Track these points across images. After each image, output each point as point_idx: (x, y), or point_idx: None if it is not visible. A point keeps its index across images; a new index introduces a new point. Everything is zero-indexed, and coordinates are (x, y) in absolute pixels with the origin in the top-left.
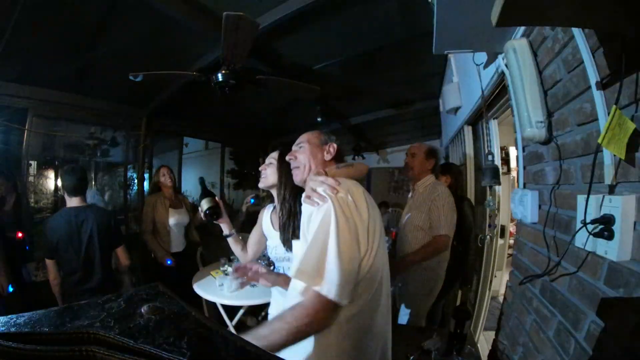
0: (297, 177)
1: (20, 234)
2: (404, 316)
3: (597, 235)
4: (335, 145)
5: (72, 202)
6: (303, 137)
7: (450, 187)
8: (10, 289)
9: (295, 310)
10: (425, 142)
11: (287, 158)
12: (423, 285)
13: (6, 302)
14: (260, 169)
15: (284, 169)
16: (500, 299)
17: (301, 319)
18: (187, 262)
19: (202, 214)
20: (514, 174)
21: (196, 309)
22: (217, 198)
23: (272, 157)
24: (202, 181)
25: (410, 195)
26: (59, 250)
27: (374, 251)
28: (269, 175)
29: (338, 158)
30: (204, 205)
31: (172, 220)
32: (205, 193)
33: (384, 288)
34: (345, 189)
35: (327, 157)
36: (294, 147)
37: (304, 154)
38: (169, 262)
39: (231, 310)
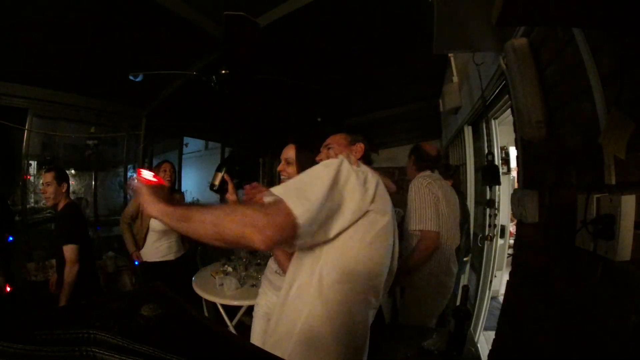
0: None
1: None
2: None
3: (597, 235)
4: (362, 145)
5: (68, 198)
6: (331, 139)
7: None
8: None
9: (248, 207)
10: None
11: (316, 159)
12: (423, 289)
13: (6, 302)
14: (279, 169)
15: (302, 163)
16: (500, 299)
17: (251, 216)
18: (181, 271)
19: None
20: (514, 174)
21: (196, 309)
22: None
23: (289, 156)
24: (231, 156)
25: None
26: (83, 237)
27: (370, 237)
28: (291, 175)
29: (366, 157)
30: (212, 179)
31: (159, 225)
32: (221, 166)
33: (384, 289)
34: (363, 167)
35: (356, 156)
36: (322, 149)
37: (330, 155)
38: (135, 263)
39: (231, 310)
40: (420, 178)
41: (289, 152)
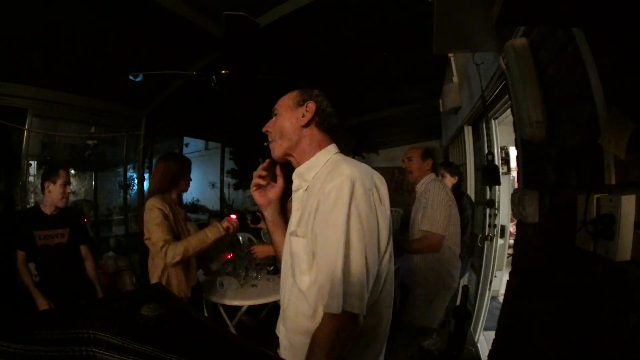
0: (273, 153)
1: None
2: None
3: (597, 235)
4: (312, 105)
5: None
6: (279, 103)
7: (457, 185)
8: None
9: (319, 341)
10: (421, 145)
11: (263, 130)
12: (427, 289)
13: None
14: None
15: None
16: (500, 299)
17: (329, 345)
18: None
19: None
20: (514, 174)
21: (196, 309)
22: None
23: None
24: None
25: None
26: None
27: (388, 253)
28: None
29: (322, 121)
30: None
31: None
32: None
33: (391, 289)
34: (367, 173)
35: (303, 121)
36: (272, 116)
37: (276, 123)
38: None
39: (231, 310)
40: (438, 181)
41: None
